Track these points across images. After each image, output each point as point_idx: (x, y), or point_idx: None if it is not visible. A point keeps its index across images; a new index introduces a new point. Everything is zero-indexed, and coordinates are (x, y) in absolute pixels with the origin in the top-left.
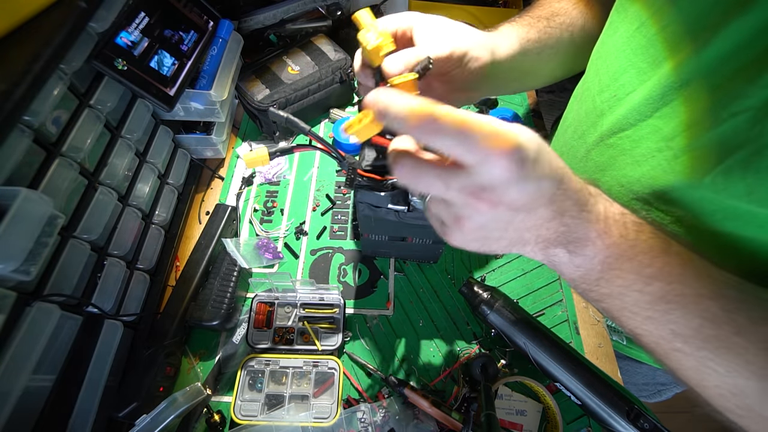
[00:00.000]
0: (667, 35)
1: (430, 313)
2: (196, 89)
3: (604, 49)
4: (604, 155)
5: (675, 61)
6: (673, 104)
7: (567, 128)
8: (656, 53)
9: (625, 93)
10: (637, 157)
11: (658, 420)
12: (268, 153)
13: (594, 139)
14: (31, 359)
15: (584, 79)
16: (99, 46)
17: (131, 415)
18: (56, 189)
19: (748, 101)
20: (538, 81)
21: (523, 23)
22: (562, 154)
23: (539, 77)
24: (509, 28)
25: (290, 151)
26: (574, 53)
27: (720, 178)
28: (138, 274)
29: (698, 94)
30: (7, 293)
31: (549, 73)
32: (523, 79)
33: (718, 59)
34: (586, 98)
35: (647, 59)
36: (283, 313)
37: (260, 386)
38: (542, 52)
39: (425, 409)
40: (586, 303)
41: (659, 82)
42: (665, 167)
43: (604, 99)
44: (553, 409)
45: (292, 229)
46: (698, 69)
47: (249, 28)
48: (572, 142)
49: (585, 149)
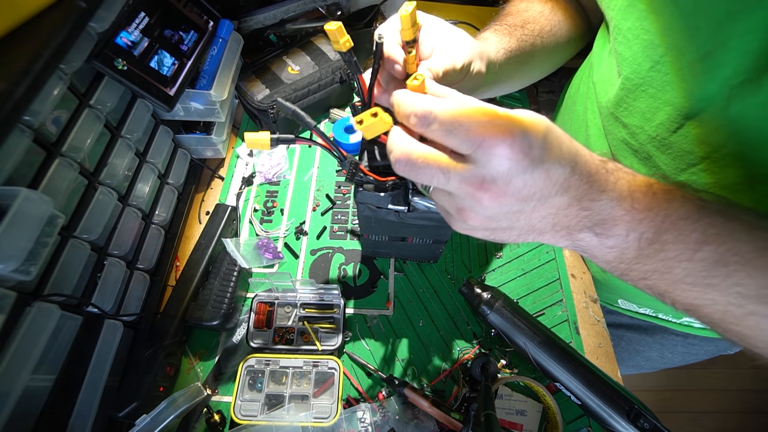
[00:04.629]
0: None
1: (430, 313)
2: (196, 89)
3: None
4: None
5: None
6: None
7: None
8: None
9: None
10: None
11: (658, 420)
12: (270, 138)
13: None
14: (31, 359)
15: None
16: (99, 46)
17: (131, 415)
18: (56, 189)
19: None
20: (516, 86)
21: (503, 32)
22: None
23: (517, 82)
24: (493, 37)
25: (292, 141)
26: (546, 57)
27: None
28: (138, 274)
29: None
30: (7, 293)
31: (526, 77)
32: (504, 85)
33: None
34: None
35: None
36: (283, 313)
37: (260, 386)
38: (521, 58)
39: (425, 409)
40: (586, 303)
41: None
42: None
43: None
44: (553, 409)
45: (292, 229)
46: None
47: (249, 28)
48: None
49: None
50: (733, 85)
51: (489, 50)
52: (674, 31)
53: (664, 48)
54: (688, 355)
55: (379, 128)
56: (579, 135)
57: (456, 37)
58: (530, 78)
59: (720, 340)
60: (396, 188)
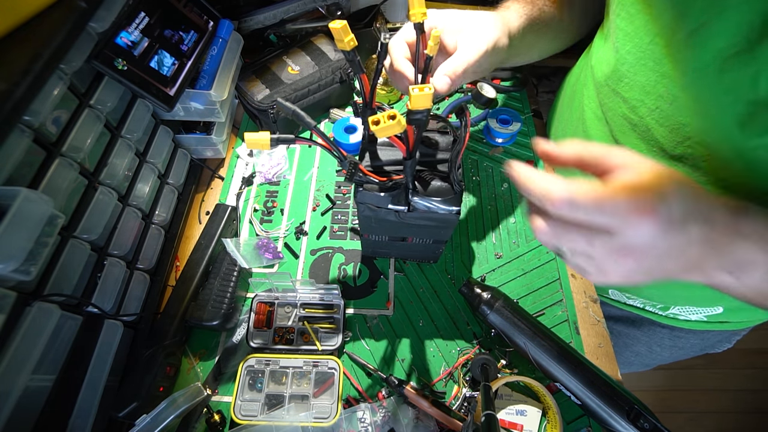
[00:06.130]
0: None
1: (430, 313)
2: (196, 89)
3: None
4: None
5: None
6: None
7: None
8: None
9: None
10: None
11: (658, 420)
12: (270, 138)
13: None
14: (31, 359)
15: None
16: (99, 46)
17: (131, 415)
18: (56, 189)
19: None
20: (534, 56)
21: (525, 1)
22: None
23: (535, 53)
24: (515, 5)
25: (292, 141)
26: (564, 28)
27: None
28: (138, 274)
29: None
30: (7, 293)
31: (544, 49)
32: (523, 55)
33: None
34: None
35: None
36: (283, 313)
37: (260, 386)
38: (540, 29)
39: (425, 409)
40: (586, 303)
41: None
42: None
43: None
44: (553, 409)
45: (292, 229)
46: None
47: (249, 28)
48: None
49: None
50: (727, 56)
51: (511, 21)
52: (673, 4)
53: (662, 21)
54: (676, 349)
55: (394, 130)
56: (576, 123)
57: (477, 25)
58: (545, 51)
59: (706, 334)
60: (396, 188)
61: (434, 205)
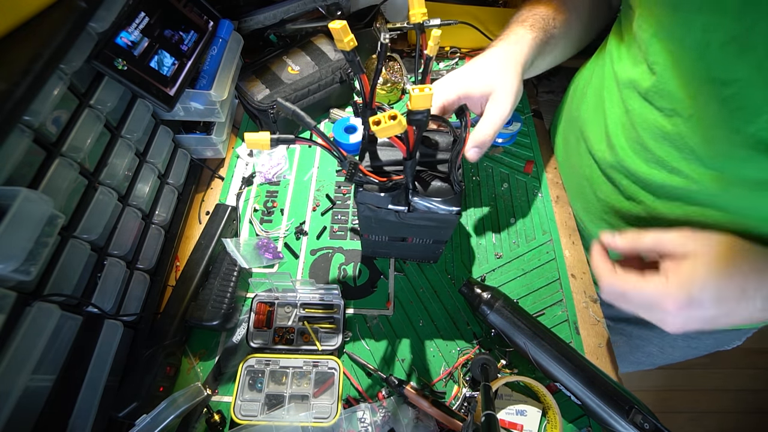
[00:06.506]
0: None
1: (430, 313)
2: (196, 89)
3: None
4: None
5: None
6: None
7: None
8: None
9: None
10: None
11: (658, 420)
12: (270, 138)
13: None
14: (31, 359)
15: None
16: (99, 46)
17: (131, 415)
18: (56, 189)
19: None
20: (549, 66)
21: (535, 26)
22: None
23: (544, 67)
24: (525, 36)
25: (292, 141)
26: (568, 44)
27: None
28: (138, 274)
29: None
30: (7, 293)
31: (554, 62)
32: (538, 69)
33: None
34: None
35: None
36: (283, 313)
37: (260, 386)
38: (550, 49)
39: (425, 409)
40: (586, 303)
41: None
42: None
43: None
44: (553, 409)
45: (292, 229)
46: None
47: (249, 28)
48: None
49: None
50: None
51: (525, 56)
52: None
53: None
54: (689, 349)
55: (395, 131)
56: (597, 125)
57: (498, 85)
58: (558, 61)
59: (720, 333)
60: (396, 188)
61: (434, 205)
